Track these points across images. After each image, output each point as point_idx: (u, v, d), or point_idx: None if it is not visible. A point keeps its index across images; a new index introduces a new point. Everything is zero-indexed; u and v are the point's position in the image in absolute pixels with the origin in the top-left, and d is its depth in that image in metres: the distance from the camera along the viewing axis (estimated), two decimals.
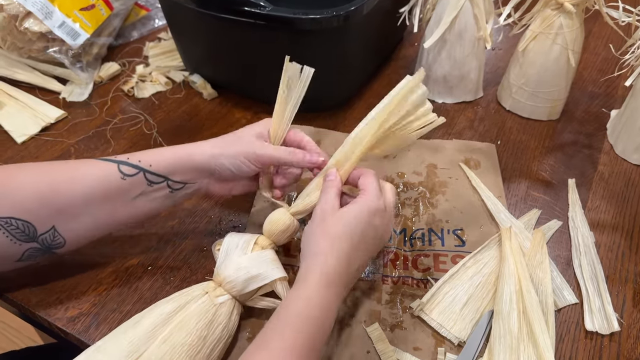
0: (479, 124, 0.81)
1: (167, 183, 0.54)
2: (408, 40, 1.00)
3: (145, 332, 0.48)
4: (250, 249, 0.54)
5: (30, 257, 0.52)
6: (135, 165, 0.53)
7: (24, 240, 0.50)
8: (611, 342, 0.54)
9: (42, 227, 0.50)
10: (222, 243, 0.55)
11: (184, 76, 0.88)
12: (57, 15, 0.81)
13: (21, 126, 0.78)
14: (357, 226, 0.50)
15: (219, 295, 0.51)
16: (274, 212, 0.56)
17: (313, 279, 0.47)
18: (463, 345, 0.53)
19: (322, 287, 0.47)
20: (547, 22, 0.73)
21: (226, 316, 0.51)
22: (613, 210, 0.68)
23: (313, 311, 0.45)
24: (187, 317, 0.49)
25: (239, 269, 0.52)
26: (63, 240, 0.52)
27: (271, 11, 0.65)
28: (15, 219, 0.49)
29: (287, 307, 0.46)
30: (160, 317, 0.49)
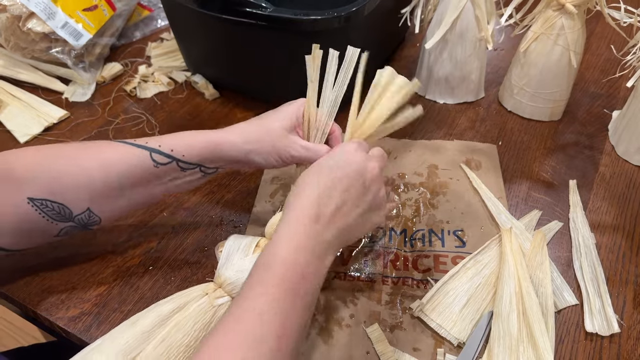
0: (481, 124, 0.81)
1: (200, 169, 0.55)
2: (410, 41, 1.00)
3: (143, 332, 0.48)
4: (251, 251, 0.54)
5: (67, 233, 0.53)
6: (167, 155, 0.53)
7: (59, 220, 0.51)
8: (611, 343, 0.54)
9: (77, 209, 0.51)
10: (224, 245, 0.55)
11: (186, 76, 0.88)
12: (60, 15, 0.81)
13: (24, 126, 0.78)
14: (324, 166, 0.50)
15: (219, 296, 0.51)
16: (276, 215, 0.56)
17: (284, 221, 0.46)
18: (462, 346, 0.53)
19: (292, 227, 0.46)
20: (549, 23, 0.72)
21: None
22: (614, 211, 0.68)
23: (283, 252, 0.44)
24: (186, 318, 0.49)
25: (239, 271, 0.51)
26: (99, 219, 0.53)
27: (272, 12, 0.65)
28: (51, 201, 0.50)
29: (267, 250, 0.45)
30: (158, 317, 0.49)
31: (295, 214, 0.47)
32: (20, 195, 0.49)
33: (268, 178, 0.71)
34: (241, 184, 0.70)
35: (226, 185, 0.70)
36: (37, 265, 0.60)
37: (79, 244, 0.62)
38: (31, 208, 0.49)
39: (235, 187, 0.70)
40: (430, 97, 0.86)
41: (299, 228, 0.46)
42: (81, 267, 0.60)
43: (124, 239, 0.63)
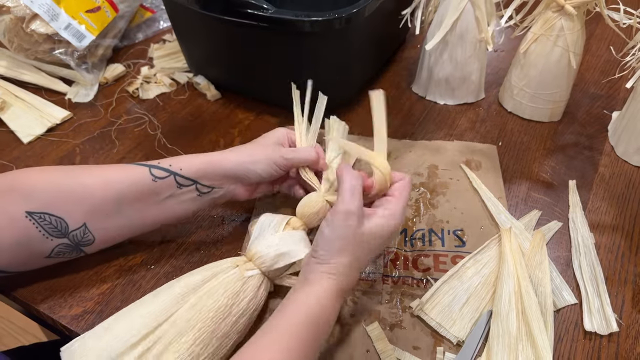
0: (481, 125, 0.81)
1: (195, 186, 0.57)
2: (410, 42, 1.00)
3: (175, 297, 0.50)
4: (281, 229, 0.56)
5: (59, 253, 0.54)
6: (166, 169, 0.55)
7: (55, 236, 0.52)
8: (610, 342, 0.55)
9: (74, 223, 0.53)
10: (257, 222, 0.57)
11: (188, 78, 0.89)
12: (63, 17, 0.82)
13: (27, 126, 0.79)
14: (377, 243, 0.52)
15: (249, 269, 0.53)
16: (308, 195, 0.59)
17: (328, 286, 0.48)
18: (462, 344, 0.54)
19: (336, 298, 0.49)
20: (548, 24, 0.73)
21: (253, 289, 0.52)
22: (613, 211, 0.68)
23: (322, 318, 0.47)
24: (216, 286, 0.51)
25: (269, 246, 0.54)
26: (93, 238, 0.55)
27: (274, 13, 0.66)
28: (49, 214, 0.51)
29: (299, 307, 0.47)
30: (190, 285, 0.51)
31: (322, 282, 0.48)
32: (19, 209, 0.50)
33: None
34: None
35: None
36: None
37: None
38: (29, 222, 0.51)
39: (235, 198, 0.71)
40: (431, 98, 0.86)
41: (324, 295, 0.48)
42: (84, 265, 0.60)
43: None
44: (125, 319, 0.49)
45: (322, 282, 0.48)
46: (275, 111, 0.82)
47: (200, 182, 0.57)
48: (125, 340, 0.47)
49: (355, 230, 0.49)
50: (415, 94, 0.88)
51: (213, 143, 0.78)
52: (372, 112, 0.58)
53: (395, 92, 0.88)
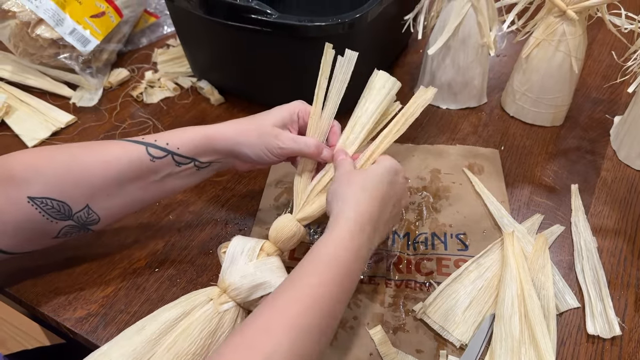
0: (483, 129, 0.82)
1: (194, 163, 0.56)
2: (413, 47, 1.01)
3: (150, 339, 0.48)
4: (255, 255, 0.53)
5: (66, 234, 0.54)
6: (163, 148, 0.54)
7: (59, 219, 0.52)
8: (612, 346, 0.55)
9: (77, 206, 0.52)
10: (228, 246, 0.55)
11: (191, 82, 0.89)
12: (68, 22, 0.83)
13: (32, 130, 0.79)
14: (385, 177, 0.53)
15: (224, 302, 0.51)
16: (279, 218, 0.56)
17: (344, 220, 0.48)
18: (465, 348, 0.54)
19: (355, 230, 0.48)
20: (550, 29, 0.73)
21: (230, 324, 0.51)
22: (616, 215, 0.68)
23: (343, 252, 0.46)
24: (192, 325, 0.49)
25: (244, 276, 0.51)
26: (97, 217, 0.54)
27: (277, 19, 0.66)
28: (51, 199, 0.51)
29: (317, 249, 0.47)
30: (164, 324, 0.49)
31: (347, 223, 0.48)
32: (21, 194, 0.50)
33: (272, 181, 0.72)
34: (246, 187, 0.71)
35: (231, 189, 0.71)
36: (44, 266, 0.61)
37: (86, 245, 0.63)
38: (31, 207, 0.50)
39: (240, 190, 0.71)
40: (433, 103, 0.86)
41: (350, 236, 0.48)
42: (88, 268, 0.61)
43: (130, 241, 0.64)
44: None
45: (336, 220, 0.48)
46: None
47: (199, 159, 0.56)
48: None
49: (355, 174, 0.53)
50: None
51: None
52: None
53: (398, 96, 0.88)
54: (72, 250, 0.62)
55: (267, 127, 0.57)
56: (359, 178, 0.52)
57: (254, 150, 0.56)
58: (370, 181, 0.52)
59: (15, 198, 0.50)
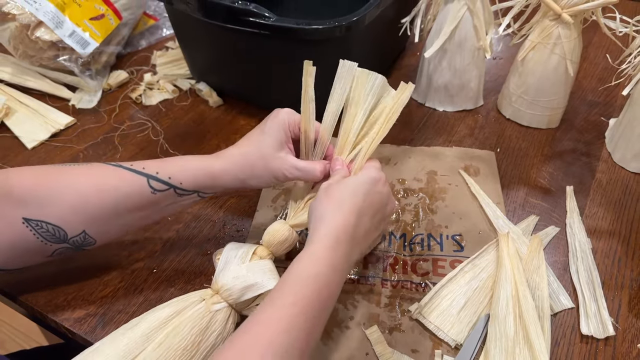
0: (479, 131, 0.82)
1: (197, 194, 0.56)
2: (410, 50, 1.01)
3: (142, 335, 0.48)
4: (248, 259, 0.54)
5: (61, 253, 0.53)
6: (165, 182, 0.53)
7: (54, 242, 0.51)
8: (606, 346, 0.55)
9: (73, 231, 0.51)
10: (222, 252, 0.56)
11: (190, 84, 0.90)
12: (67, 24, 0.83)
13: (31, 132, 0.80)
14: (359, 189, 0.52)
15: (215, 302, 0.51)
16: (273, 224, 0.57)
17: (319, 238, 0.48)
18: (460, 347, 0.54)
19: (329, 245, 0.48)
20: (546, 32, 0.74)
21: (221, 323, 0.51)
22: (610, 217, 0.69)
23: (319, 268, 0.46)
24: (183, 322, 0.49)
25: (236, 278, 0.52)
26: (94, 241, 0.54)
27: (275, 21, 0.67)
28: (46, 223, 0.50)
29: (293, 266, 0.47)
30: (156, 321, 0.49)
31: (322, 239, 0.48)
32: (16, 214, 0.49)
33: None
34: None
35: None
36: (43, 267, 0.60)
37: None
38: (26, 228, 0.50)
39: (238, 192, 0.71)
40: (430, 105, 0.87)
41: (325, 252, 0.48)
42: (87, 269, 0.61)
43: (129, 242, 0.64)
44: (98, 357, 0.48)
45: (312, 236, 0.49)
46: None
47: (202, 192, 0.56)
48: None
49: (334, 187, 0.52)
50: (415, 101, 0.89)
51: (215, 149, 0.78)
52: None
53: None
54: None
55: (270, 156, 0.56)
56: (336, 192, 0.52)
57: (261, 181, 0.57)
58: (347, 195, 0.51)
59: (10, 217, 0.49)
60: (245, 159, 0.56)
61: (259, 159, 0.56)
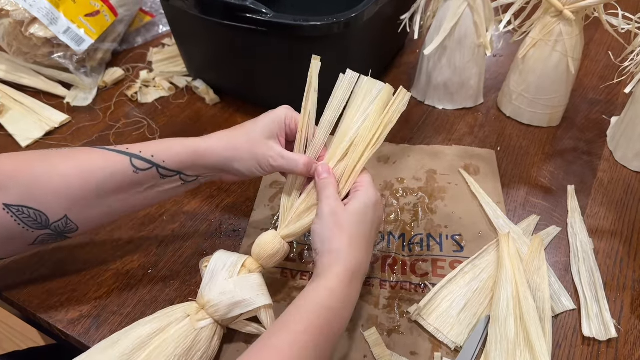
0: (479, 130, 0.81)
1: (179, 176, 0.54)
2: (409, 47, 1.00)
3: (123, 354, 0.47)
4: (236, 272, 0.52)
5: (43, 241, 0.52)
6: (148, 160, 0.52)
7: (36, 228, 0.50)
8: (608, 348, 0.54)
9: (54, 216, 0.50)
10: (210, 261, 0.53)
11: (187, 82, 0.89)
12: (62, 21, 0.82)
13: (26, 130, 0.79)
14: (366, 219, 0.52)
15: (201, 319, 0.50)
16: (263, 235, 0.55)
17: (335, 273, 0.48)
18: (460, 350, 0.54)
19: (345, 282, 0.48)
20: (547, 29, 0.73)
21: (206, 341, 0.50)
22: (612, 217, 0.68)
23: (334, 302, 0.47)
24: (166, 341, 0.48)
25: (223, 293, 0.50)
26: (76, 227, 0.52)
27: (273, 18, 0.66)
28: (27, 208, 0.49)
29: (307, 296, 0.47)
30: (138, 339, 0.48)
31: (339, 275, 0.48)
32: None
33: (267, 182, 0.72)
34: (240, 188, 0.71)
35: (226, 190, 0.71)
36: (37, 268, 0.60)
37: (79, 246, 0.62)
38: (7, 215, 0.48)
39: (234, 191, 0.71)
40: (430, 103, 0.86)
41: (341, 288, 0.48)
42: (81, 270, 0.60)
43: (123, 241, 0.64)
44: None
45: (329, 270, 0.48)
46: None
47: (184, 173, 0.54)
48: None
49: (341, 213, 0.51)
50: (414, 99, 0.88)
51: None
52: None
53: None
54: (64, 251, 0.62)
55: (257, 141, 0.55)
56: (346, 226, 0.50)
57: (245, 165, 0.55)
58: (356, 230, 0.51)
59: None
60: (232, 139, 0.56)
61: (245, 142, 0.55)
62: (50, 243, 0.53)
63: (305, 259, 0.62)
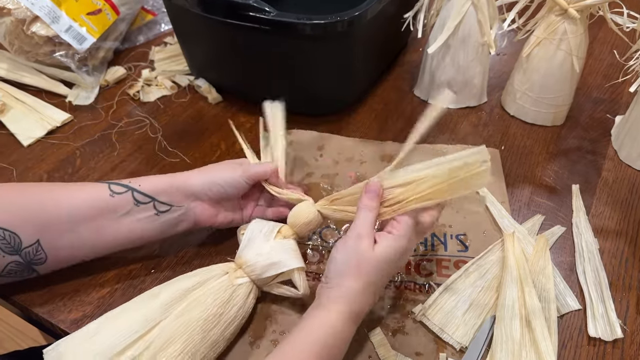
0: (483, 129, 0.81)
1: (153, 204, 0.56)
2: (412, 46, 1.00)
3: (162, 305, 0.50)
4: (273, 237, 0.55)
5: (10, 272, 0.52)
6: (124, 185, 0.55)
7: (8, 252, 0.51)
8: (614, 348, 0.54)
9: (27, 240, 0.51)
10: (247, 228, 0.56)
11: (189, 80, 0.89)
12: (64, 19, 0.82)
13: (27, 129, 0.78)
14: (388, 267, 0.51)
15: (239, 276, 0.53)
16: (299, 204, 0.58)
17: (341, 312, 0.48)
18: (465, 350, 0.53)
19: (348, 322, 0.48)
20: (551, 28, 0.73)
21: (243, 297, 0.52)
22: (617, 216, 0.67)
23: (336, 341, 0.47)
24: (205, 293, 0.51)
25: (259, 254, 0.53)
26: (45, 257, 0.53)
27: (276, 16, 0.65)
28: (3, 229, 0.50)
29: (311, 331, 0.47)
30: (178, 292, 0.51)
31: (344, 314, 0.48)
32: None
33: None
34: None
35: None
36: None
37: None
38: None
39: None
40: (432, 102, 0.85)
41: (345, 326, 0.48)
42: (83, 269, 0.60)
43: None
44: (113, 323, 0.49)
45: (334, 307, 0.48)
46: None
47: (158, 199, 0.55)
48: (114, 345, 0.47)
49: (366, 254, 0.49)
50: (418, 98, 0.87)
51: (214, 146, 0.77)
52: None
53: (397, 95, 0.88)
54: None
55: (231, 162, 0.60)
56: (368, 270, 0.49)
57: (225, 178, 0.57)
58: (375, 276, 0.50)
59: None
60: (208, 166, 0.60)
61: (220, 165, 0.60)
62: (17, 276, 0.54)
63: (309, 260, 0.62)
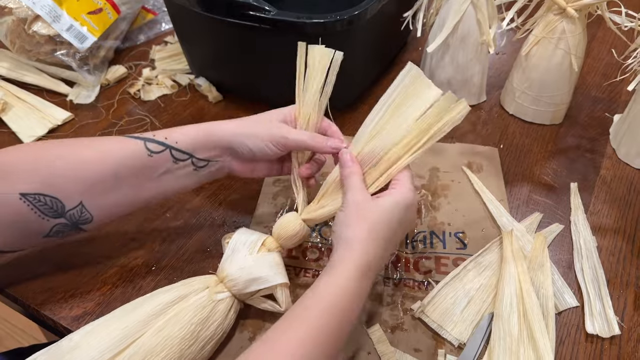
0: (482, 127, 0.81)
1: (191, 160, 0.55)
2: (412, 45, 1.00)
3: (140, 320, 0.48)
4: (256, 250, 0.54)
5: (57, 232, 0.52)
6: (161, 142, 0.53)
7: (51, 216, 0.50)
8: (612, 345, 0.55)
9: (70, 202, 0.51)
10: (232, 237, 0.55)
11: (189, 79, 0.89)
12: (65, 18, 0.82)
13: (28, 128, 0.79)
14: (393, 218, 0.50)
15: (219, 291, 0.51)
16: (285, 216, 0.56)
17: (347, 268, 0.47)
18: (463, 347, 0.54)
19: (357, 278, 0.47)
20: (550, 27, 0.73)
21: (223, 313, 0.51)
22: (615, 214, 0.68)
23: (344, 302, 0.46)
24: (184, 310, 0.49)
25: (242, 269, 0.52)
26: (90, 216, 0.53)
27: (276, 15, 0.66)
28: (44, 195, 0.49)
29: (317, 293, 0.46)
30: (157, 306, 0.50)
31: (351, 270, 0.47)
32: (13, 190, 0.49)
33: (270, 180, 0.72)
34: (244, 185, 0.71)
35: (229, 187, 0.71)
36: (40, 265, 0.60)
37: (83, 243, 0.62)
38: (23, 204, 0.49)
39: (238, 188, 0.71)
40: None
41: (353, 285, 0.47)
42: (85, 267, 0.60)
43: (127, 239, 0.64)
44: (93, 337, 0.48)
45: (340, 264, 0.47)
46: None
47: (196, 156, 0.55)
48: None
49: (363, 203, 0.50)
50: None
51: None
52: None
53: None
54: (68, 248, 0.62)
55: (269, 120, 0.57)
56: (370, 216, 0.49)
57: (256, 141, 0.55)
58: (379, 223, 0.49)
59: (6, 194, 0.49)
60: (243, 120, 0.57)
61: (257, 122, 0.57)
62: (65, 236, 0.54)
63: (308, 257, 0.62)
